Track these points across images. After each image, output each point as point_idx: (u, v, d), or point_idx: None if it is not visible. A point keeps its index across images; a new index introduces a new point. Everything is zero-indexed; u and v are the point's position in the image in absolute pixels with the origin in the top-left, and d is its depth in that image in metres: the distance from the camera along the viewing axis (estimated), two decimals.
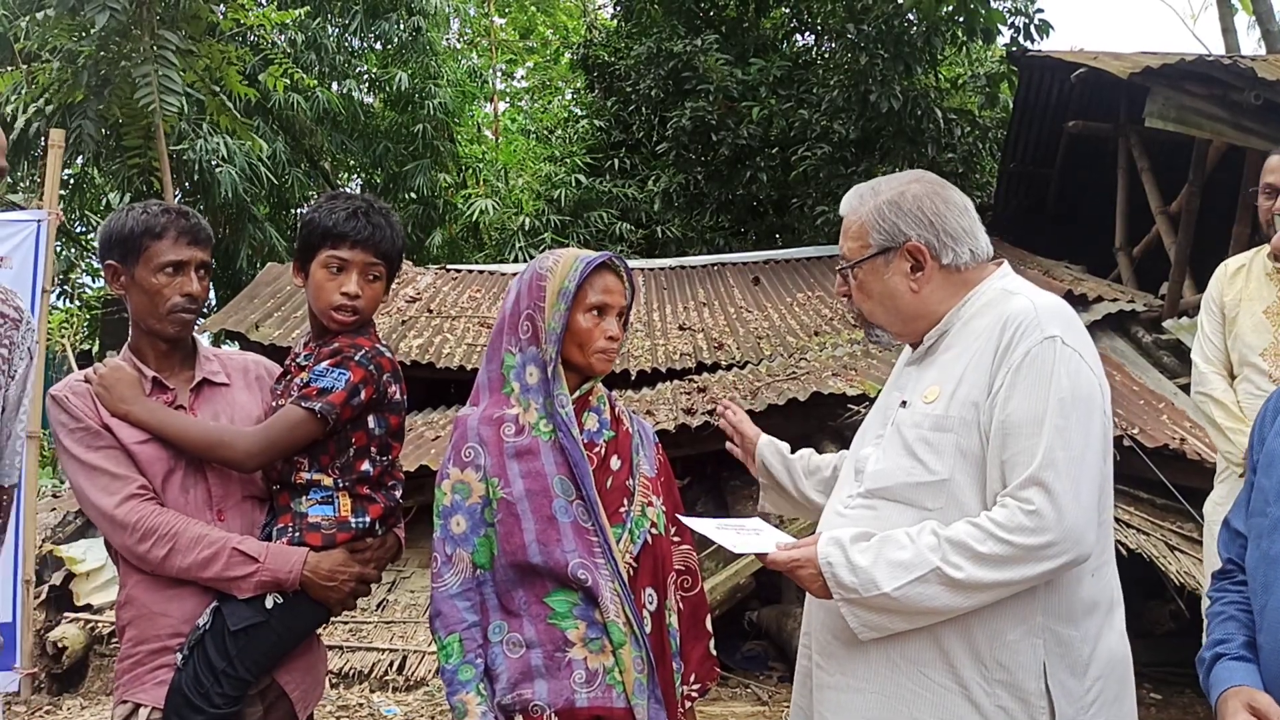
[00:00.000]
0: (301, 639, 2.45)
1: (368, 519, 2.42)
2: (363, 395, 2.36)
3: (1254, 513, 1.83)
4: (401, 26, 15.71)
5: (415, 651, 5.79)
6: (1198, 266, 7.59)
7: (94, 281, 18.14)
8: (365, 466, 2.42)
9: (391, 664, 5.74)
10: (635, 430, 2.37)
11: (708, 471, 7.05)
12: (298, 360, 2.49)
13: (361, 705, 5.36)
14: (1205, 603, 3.73)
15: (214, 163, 12.03)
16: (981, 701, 1.94)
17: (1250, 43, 18.82)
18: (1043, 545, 1.87)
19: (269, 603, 2.33)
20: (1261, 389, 3.42)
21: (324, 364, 2.37)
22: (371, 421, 2.43)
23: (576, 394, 2.27)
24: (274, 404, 2.48)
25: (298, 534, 2.37)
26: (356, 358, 2.37)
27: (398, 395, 2.47)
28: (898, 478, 2.02)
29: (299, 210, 17.23)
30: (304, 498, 2.39)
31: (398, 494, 2.53)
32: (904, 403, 2.11)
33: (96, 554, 6.59)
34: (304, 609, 2.38)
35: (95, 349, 15.65)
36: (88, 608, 6.42)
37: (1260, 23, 13.49)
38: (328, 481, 2.39)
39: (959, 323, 2.12)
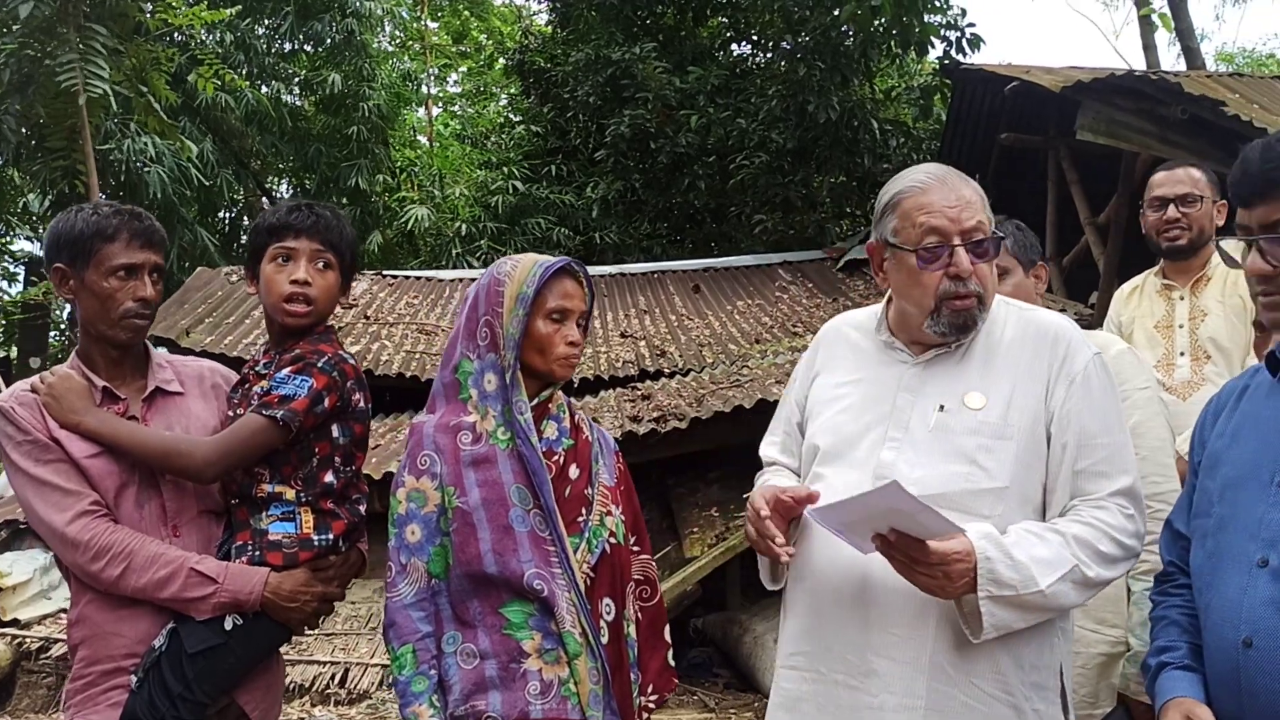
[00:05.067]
0: (261, 660, 2.38)
1: (331, 536, 2.36)
2: (326, 403, 2.31)
3: (1198, 513, 1.88)
4: (334, 28, 15.50)
5: (357, 664, 5.70)
6: (1126, 276, 7.73)
7: (11, 286, 17.59)
8: (329, 478, 2.36)
9: (333, 677, 5.65)
10: (595, 439, 2.35)
11: (653, 479, 7.06)
12: (256, 369, 2.43)
13: None
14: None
15: (141, 164, 11.74)
16: (1021, 706, 1.96)
17: (1170, 58, 19.49)
18: (1137, 548, 1.98)
19: (228, 624, 2.26)
20: None
21: (285, 370, 2.31)
22: (335, 430, 2.38)
23: (536, 401, 2.24)
24: (231, 414, 2.41)
25: (258, 552, 2.30)
26: (319, 364, 2.32)
27: (362, 403, 2.43)
28: (955, 484, 1.96)
29: (228, 213, 16.92)
30: (264, 514, 2.33)
31: (362, 508, 2.47)
32: (942, 406, 2.03)
33: (23, 567, 6.39)
34: (264, 630, 2.32)
35: (14, 355, 15.15)
36: (15, 623, 6.22)
37: (1181, 39, 13.94)
38: (290, 495, 2.33)
39: (982, 327, 2.09)
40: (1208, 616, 1.80)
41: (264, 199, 18.34)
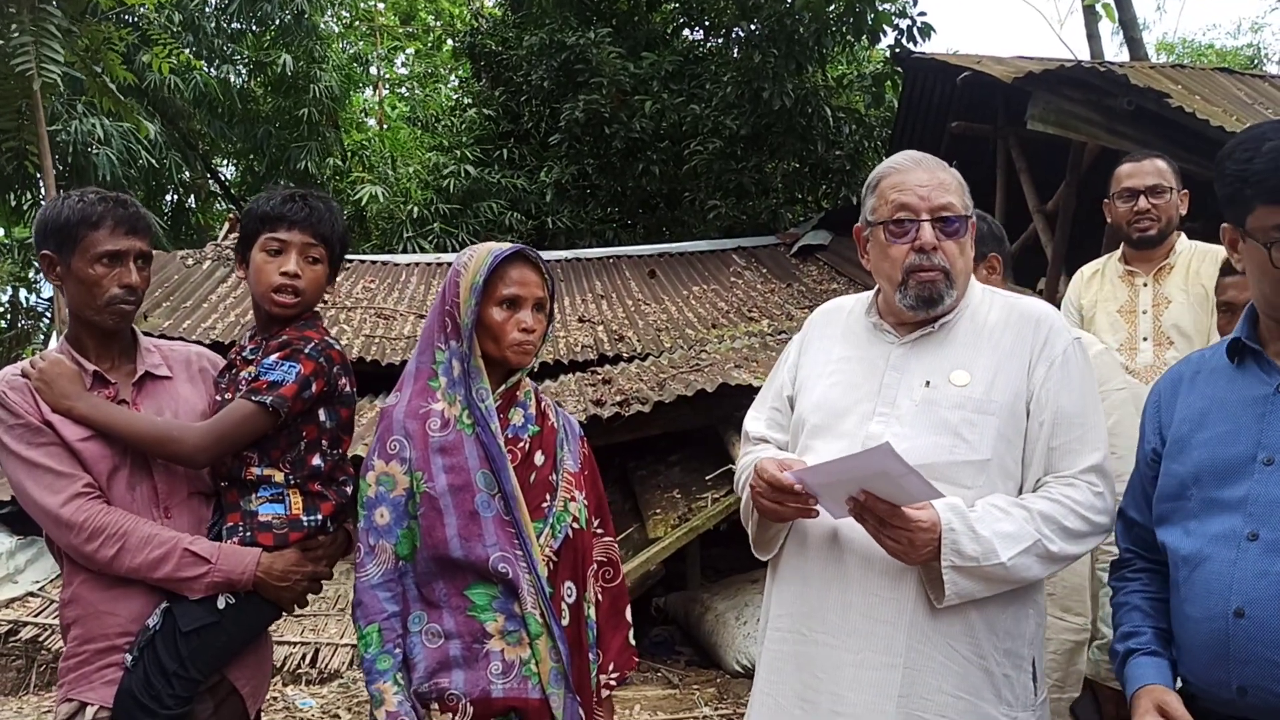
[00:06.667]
0: (253, 638, 2.44)
1: (319, 517, 2.42)
2: (314, 388, 2.36)
3: (1168, 497, 1.95)
4: (284, 9, 15.27)
5: (328, 644, 5.74)
6: (1073, 263, 7.93)
7: None
8: (316, 461, 2.42)
9: (304, 657, 5.67)
10: (560, 425, 2.40)
11: (614, 462, 7.14)
12: (243, 354, 2.47)
13: (276, 699, 5.28)
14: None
15: (88, 145, 11.54)
16: (993, 670, 2.06)
17: (1113, 47, 19.84)
18: (1106, 525, 2.07)
19: (221, 603, 2.31)
20: None
21: (273, 356, 2.35)
22: (322, 414, 2.43)
23: (503, 388, 2.29)
24: (218, 398, 2.46)
25: (249, 533, 2.35)
26: (307, 350, 2.36)
27: (348, 388, 2.48)
28: (939, 455, 2.04)
29: (175, 195, 16.67)
30: (253, 495, 2.38)
31: (348, 490, 2.51)
32: (928, 382, 2.12)
33: None
34: (256, 609, 2.37)
35: None
36: None
37: (1124, 29, 14.19)
38: (279, 478, 2.38)
39: (966, 310, 2.20)
40: (1191, 590, 1.85)
41: (211, 181, 18.09)
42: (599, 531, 2.41)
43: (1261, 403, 1.84)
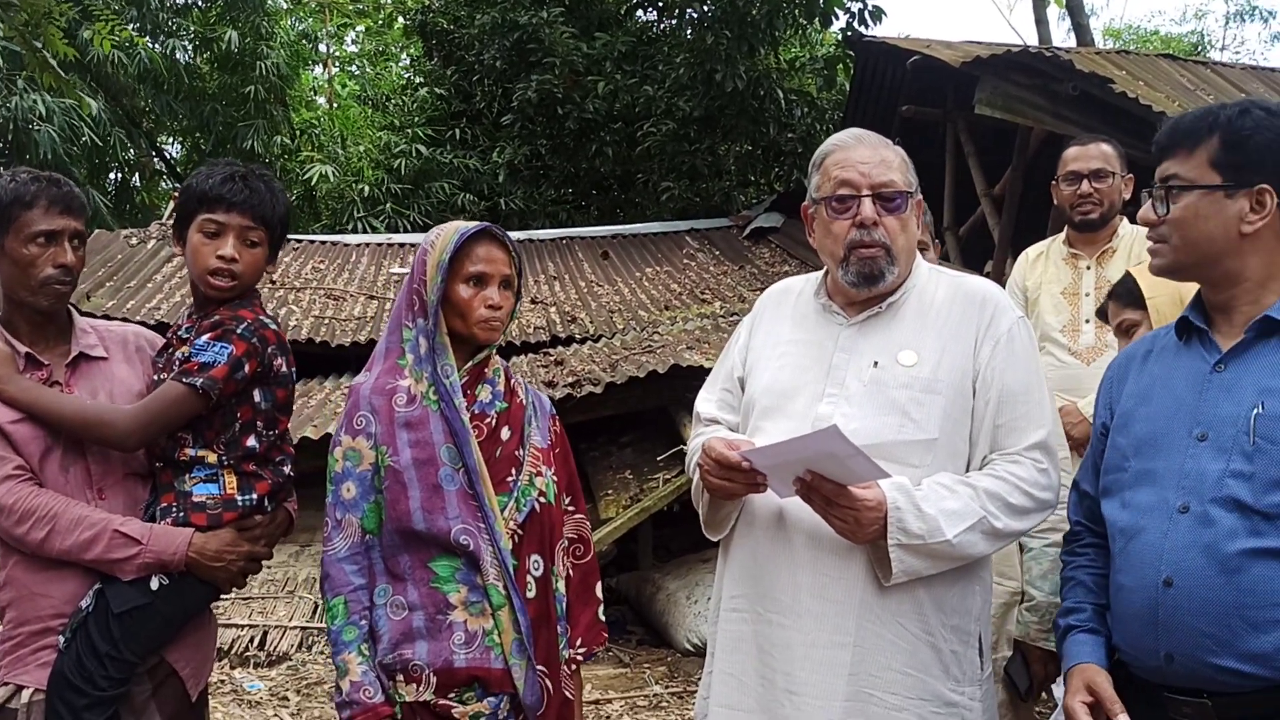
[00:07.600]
0: (189, 619, 2.42)
1: (255, 496, 2.40)
2: (246, 369, 2.33)
3: (1111, 469, 2.00)
4: None
5: (276, 627, 5.71)
6: (1019, 246, 8.04)
7: None
8: (251, 442, 2.39)
9: (252, 640, 5.64)
10: (530, 402, 2.42)
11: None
12: (179, 333, 2.44)
13: (223, 682, 5.24)
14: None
15: (30, 122, 11.28)
16: (941, 646, 2.08)
17: (1061, 33, 20.09)
18: (1050, 501, 2.10)
19: (154, 584, 2.29)
20: (1061, 360, 3.77)
21: (205, 337, 2.32)
22: (257, 395, 2.40)
23: (470, 364, 2.31)
24: (155, 378, 2.43)
25: (182, 514, 2.34)
26: (239, 330, 2.33)
27: (284, 368, 2.45)
28: (887, 435, 2.06)
29: (120, 173, 16.38)
30: (188, 476, 2.36)
31: (287, 469, 2.51)
32: (876, 363, 2.14)
33: None
34: (191, 589, 2.36)
35: None
36: None
37: (1071, 15, 14.38)
38: (212, 459, 2.36)
39: (913, 290, 2.21)
40: (1126, 561, 1.90)
41: (156, 159, 17.78)
42: (570, 508, 2.43)
43: (1201, 380, 1.89)
